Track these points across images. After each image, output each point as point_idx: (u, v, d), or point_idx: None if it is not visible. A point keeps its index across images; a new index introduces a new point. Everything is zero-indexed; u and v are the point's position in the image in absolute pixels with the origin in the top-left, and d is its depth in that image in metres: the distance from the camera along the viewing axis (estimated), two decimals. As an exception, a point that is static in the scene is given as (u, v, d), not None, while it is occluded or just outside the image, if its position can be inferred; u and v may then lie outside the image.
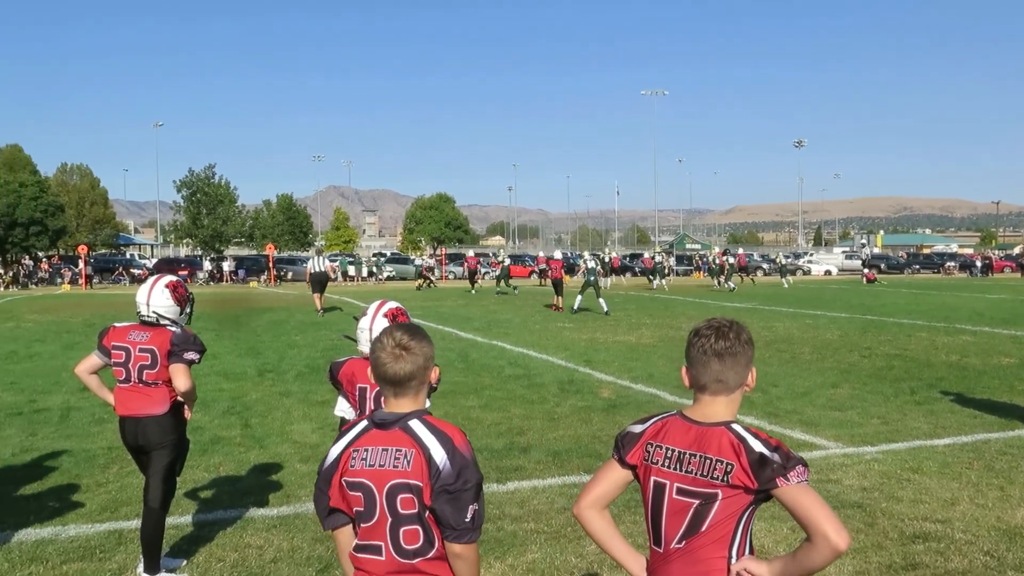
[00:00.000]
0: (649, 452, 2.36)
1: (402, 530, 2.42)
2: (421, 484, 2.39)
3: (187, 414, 4.98)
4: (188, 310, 5.00)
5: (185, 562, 5.13)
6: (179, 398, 4.84)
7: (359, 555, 2.49)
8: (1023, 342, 14.70)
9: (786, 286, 41.33)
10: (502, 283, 36.33)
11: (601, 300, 22.77)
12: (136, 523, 5.69)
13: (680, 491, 2.29)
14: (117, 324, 4.91)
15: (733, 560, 2.27)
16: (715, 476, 2.24)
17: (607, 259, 44.06)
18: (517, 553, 5.18)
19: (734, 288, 36.90)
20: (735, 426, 2.30)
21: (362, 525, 2.47)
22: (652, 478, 2.35)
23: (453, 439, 2.43)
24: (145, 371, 4.72)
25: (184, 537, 5.51)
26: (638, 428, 2.44)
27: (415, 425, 2.45)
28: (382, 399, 2.61)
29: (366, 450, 2.46)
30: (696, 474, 2.26)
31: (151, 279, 4.97)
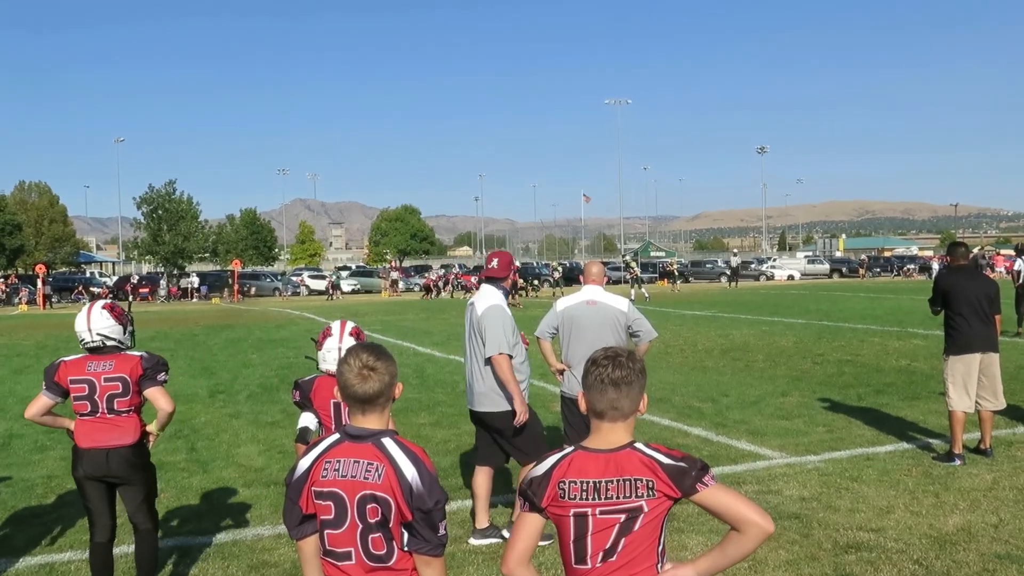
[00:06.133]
0: (563, 490, 2.41)
1: (370, 537, 2.57)
2: (389, 498, 2.53)
3: (150, 443, 4.84)
4: (131, 328, 4.92)
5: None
6: (146, 429, 4.76)
7: (329, 560, 2.63)
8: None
9: (646, 295, 37.59)
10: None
11: None
12: (68, 555, 5.62)
13: (604, 511, 2.37)
14: (66, 359, 4.69)
15: (659, 565, 2.38)
16: (639, 493, 2.34)
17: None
18: (454, 575, 5.16)
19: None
20: (638, 445, 2.42)
21: (330, 532, 2.61)
22: (572, 511, 2.40)
23: (421, 458, 2.59)
24: (116, 400, 4.57)
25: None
26: (541, 471, 2.47)
27: (387, 443, 2.60)
28: (347, 415, 2.82)
29: (338, 461, 2.60)
30: (617, 497, 2.35)
31: (84, 308, 4.90)
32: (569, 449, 2.48)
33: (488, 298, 5.86)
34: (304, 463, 2.65)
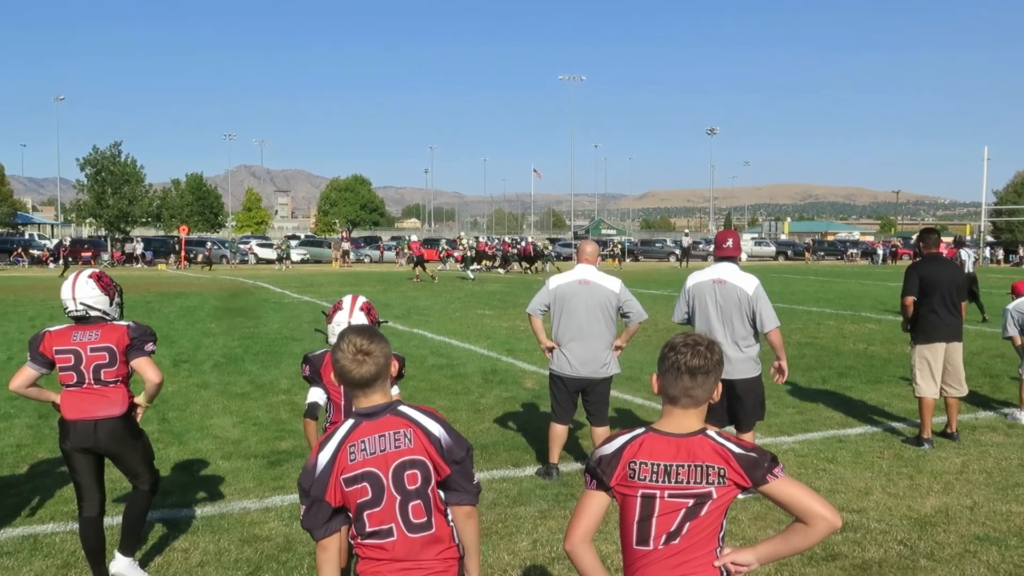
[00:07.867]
0: (633, 470, 2.43)
1: (410, 506, 2.57)
2: (424, 459, 2.55)
3: (138, 416, 4.80)
4: (118, 300, 4.81)
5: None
6: (134, 400, 4.71)
7: (369, 542, 2.59)
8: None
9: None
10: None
11: None
12: (51, 527, 5.51)
13: (672, 495, 2.40)
14: (51, 328, 4.63)
15: (719, 550, 2.42)
16: (709, 480, 2.38)
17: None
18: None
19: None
20: (710, 432, 2.45)
21: (370, 512, 2.58)
22: (640, 491, 2.42)
23: (438, 415, 2.66)
24: (103, 370, 4.51)
25: (104, 541, 5.31)
26: (610, 449, 2.48)
27: (404, 409, 2.63)
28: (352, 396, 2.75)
29: (363, 441, 2.57)
30: (687, 482, 2.39)
31: (71, 275, 4.78)
32: (640, 430, 2.50)
33: (745, 277, 6.39)
34: (324, 456, 2.58)
